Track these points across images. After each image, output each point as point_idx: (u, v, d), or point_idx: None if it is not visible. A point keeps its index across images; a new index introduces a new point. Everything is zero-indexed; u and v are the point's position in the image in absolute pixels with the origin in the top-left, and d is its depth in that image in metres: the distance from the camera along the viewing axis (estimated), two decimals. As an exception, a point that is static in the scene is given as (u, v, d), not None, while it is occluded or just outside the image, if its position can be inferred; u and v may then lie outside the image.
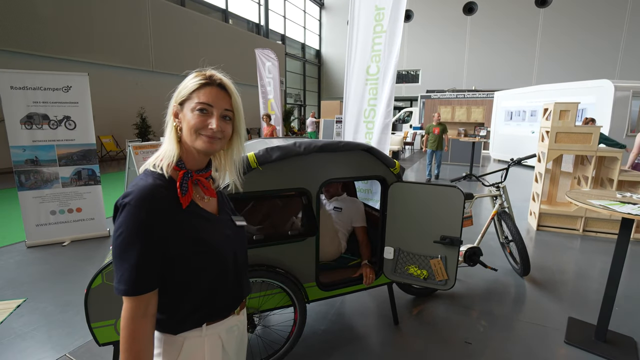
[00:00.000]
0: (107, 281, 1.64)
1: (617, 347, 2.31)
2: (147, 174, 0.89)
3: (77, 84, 3.95)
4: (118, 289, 0.82)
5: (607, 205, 2.08)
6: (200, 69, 0.93)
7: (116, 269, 0.82)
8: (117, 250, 0.82)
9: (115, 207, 0.84)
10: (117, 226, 0.82)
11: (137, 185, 0.85)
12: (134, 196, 0.81)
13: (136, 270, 0.80)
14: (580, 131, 4.44)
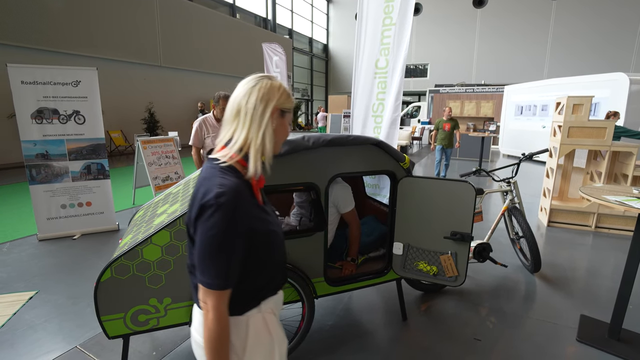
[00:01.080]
0: (115, 275, 1.64)
1: (632, 346, 2.26)
2: (225, 171, 0.90)
3: (86, 79, 3.97)
4: (213, 284, 0.84)
5: (624, 202, 2.02)
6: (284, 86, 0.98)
7: (208, 266, 0.84)
8: (211, 248, 0.84)
9: (205, 206, 0.83)
10: (211, 226, 0.83)
11: (226, 185, 0.85)
12: (229, 197, 0.83)
13: (229, 265, 0.86)
14: (594, 125, 4.33)
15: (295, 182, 1.90)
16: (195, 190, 0.91)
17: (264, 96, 0.93)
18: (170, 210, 1.89)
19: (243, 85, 0.95)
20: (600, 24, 17.43)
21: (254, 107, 0.91)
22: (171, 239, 1.70)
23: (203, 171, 0.94)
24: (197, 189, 0.90)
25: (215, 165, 0.92)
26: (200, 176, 0.93)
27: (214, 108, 3.38)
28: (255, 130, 0.91)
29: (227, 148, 0.93)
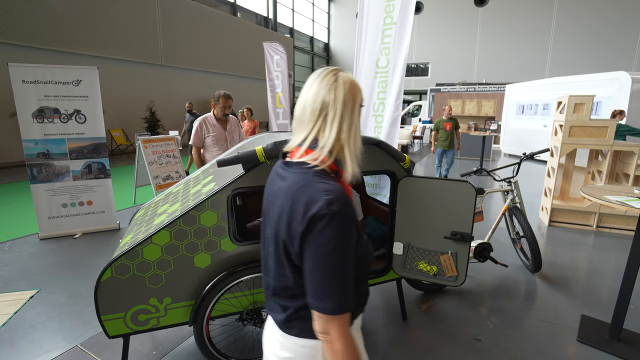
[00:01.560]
0: (116, 274, 1.65)
1: (632, 346, 2.26)
2: (322, 176, 0.80)
3: (87, 78, 3.97)
4: (339, 308, 0.73)
5: (625, 202, 2.01)
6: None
7: (332, 287, 0.73)
8: (331, 266, 0.72)
9: (317, 217, 0.71)
10: (328, 239, 0.71)
11: (334, 191, 0.75)
12: (340, 204, 0.73)
13: (350, 282, 0.75)
14: (595, 125, 4.32)
15: (295, 182, 1.90)
16: (289, 202, 0.77)
17: (350, 91, 0.83)
18: (171, 210, 1.89)
19: (320, 80, 0.83)
20: (602, 22, 17.36)
21: (343, 103, 0.81)
22: (171, 239, 1.70)
23: (290, 179, 0.81)
24: (293, 199, 0.77)
25: (306, 170, 0.80)
26: (291, 185, 0.79)
27: (214, 107, 3.38)
28: (347, 129, 0.81)
29: (315, 151, 0.81)
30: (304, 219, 0.72)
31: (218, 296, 1.79)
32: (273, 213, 0.84)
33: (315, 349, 0.85)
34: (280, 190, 0.82)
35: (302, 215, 0.73)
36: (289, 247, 0.78)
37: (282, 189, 0.82)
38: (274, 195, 0.86)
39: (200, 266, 1.78)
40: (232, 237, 1.80)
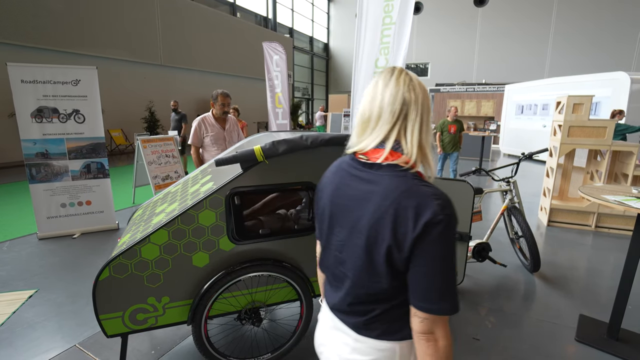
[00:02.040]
0: (114, 274, 1.65)
1: (630, 346, 2.26)
2: (419, 178, 0.79)
3: (86, 78, 3.97)
4: (452, 308, 0.75)
5: (623, 201, 2.02)
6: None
7: (447, 288, 0.74)
8: (447, 268, 0.73)
9: (433, 223, 0.71)
10: (445, 244, 0.72)
11: (441, 195, 0.75)
12: (451, 208, 0.73)
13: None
14: (594, 125, 4.32)
15: (294, 181, 1.90)
16: (393, 206, 0.75)
17: (426, 92, 0.82)
18: (169, 210, 1.89)
19: (396, 80, 0.81)
20: (601, 22, 17.39)
21: (422, 104, 0.80)
22: (169, 238, 1.70)
23: (385, 183, 0.78)
24: (398, 204, 0.75)
25: (402, 173, 0.78)
26: (389, 189, 0.77)
27: (213, 106, 3.37)
28: (426, 130, 0.81)
29: (403, 153, 0.80)
30: (418, 225, 0.72)
31: (216, 295, 1.79)
32: (357, 217, 0.81)
33: (393, 352, 0.84)
34: (370, 194, 0.79)
35: (413, 221, 0.72)
36: (394, 252, 0.75)
37: (373, 192, 0.79)
38: (352, 199, 0.83)
39: (198, 265, 1.78)
40: (231, 237, 1.80)
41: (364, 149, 0.84)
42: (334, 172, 0.93)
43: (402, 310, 0.83)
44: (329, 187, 0.92)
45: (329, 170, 0.97)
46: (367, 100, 0.85)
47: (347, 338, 0.88)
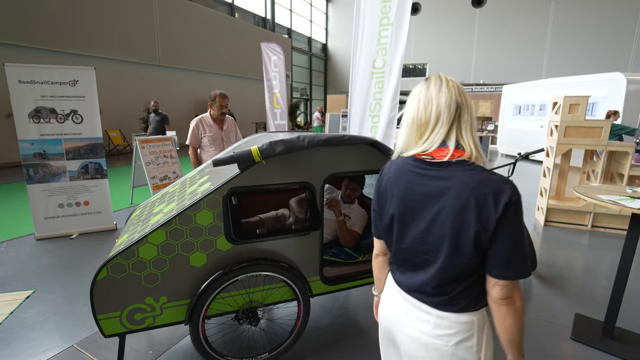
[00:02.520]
0: (112, 274, 1.65)
1: (625, 344, 2.28)
2: (486, 169, 0.92)
3: (83, 78, 3.97)
4: (527, 271, 0.90)
5: (617, 201, 2.04)
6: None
7: (523, 256, 0.88)
8: (522, 239, 0.88)
9: (510, 204, 0.85)
10: (520, 219, 0.87)
11: (507, 180, 0.88)
12: (518, 189, 0.89)
13: None
14: (590, 125, 4.35)
15: (291, 181, 1.91)
16: (473, 196, 0.86)
17: (468, 96, 0.96)
18: (167, 210, 1.90)
19: (447, 86, 0.94)
20: (598, 23, 17.47)
21: (470, 106, 0.94)
22: (167, 238, 1.71)
23: (459, 177, 0.89)
24: (477, 193, 0.86)
25: (472, 167, 0.90)
26: (465, 182, 0.88)
27: (211, 107, 3.38)
28: (475, 129, 0.96)
29: (466, 150, 0.91)
30: (498, 208, 0.85)
31: (214, 295, 1.80)
32: (436, 210, 0.92)
33: (472, 323, 0.97)
34: (446, 189, 0.90)
35: (494, 205, 0.85)
36: (481, 234, 0.87)
37: (449, 187, 0.90)
38: (427, 196, 0.94)
39: (196, 265, 1.79)
40: (228, 237, 1.81)
41: (429, 149, 0.94)
42: (397, 175, 1.01)
43: (479, 285, 0.95)
44: (395, 189, 1.01)
45: (387, 174, 1.05)
46: (420, 106, 0.96)
47: (428, 316, 0.99)
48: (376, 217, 1.11)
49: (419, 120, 0.95)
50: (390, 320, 1.10)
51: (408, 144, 0.99)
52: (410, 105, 0.99)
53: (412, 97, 0.99)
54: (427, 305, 0.99)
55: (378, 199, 1.08)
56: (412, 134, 0.98)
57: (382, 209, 1.07)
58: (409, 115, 0.99)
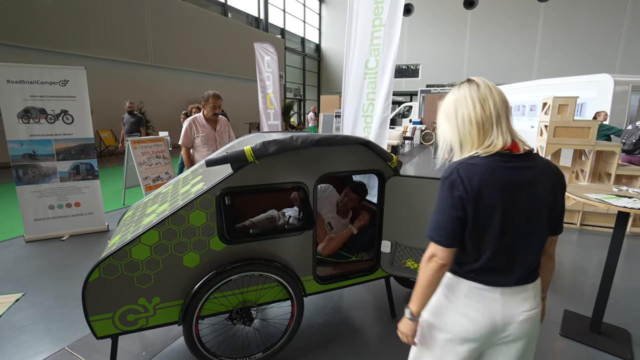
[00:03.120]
0: (104, 275, 1.64)
1: (611, 339, 2.33)
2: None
3: (74, 78, 3.92)
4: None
5: (604, 199, 2.08)
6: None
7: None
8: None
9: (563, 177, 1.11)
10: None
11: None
12: None
13: None
14: (578, 125, 4.43)
15: (284, 181, 1.92)
16: (556, 177, 1.08)
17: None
18: (159, 210, 1.89)
19: (493, 86, 1.08)
20: (587, 25, 17.77)
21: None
22: (160, 239, 1.71)
23: (541, 163, 1.07)
24: (557, 174, 1.08)
25: (538, 154, 1.10)
26: (547, 167, 1.07)
27: (204, 107, 3.37)
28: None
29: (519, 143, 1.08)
30: (563, 185, 1.10)
31: (207, 295, 1.80)
32: (535, 197, 1.05)
33: (539, 281, 1.15)
34: (538, 175, 1.05)
35: (562, 183, 1.09)
36: (561, 205, 1.11)
37: (538, 173, 1.05)
38: (523, 186, 1.04)
39: (189, 265, 1.79)
40: (221, 237, 1.81)
41: (507, 144, 1.04)
42: (490, 173, 1.02)
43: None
44: (494, 186, 1.02)
45: (477, 174, 1.02)
46: (477, 106, 1.05)
47: (528, 293, 1.09)
48: (458, 225, 1.04)
49: (480, 121, 1.04)
50: (494, 326, 1.07)
51: (473, 143, 1.06)
52: (463, 106, 1.06)
53: (463, 99, 1.07)
54: (529, 283, 1.10)
55: (473, 202, 1.02)
56: (474, 133, 1.05)
57: (477, 212, 1.03)
58: (464, 116, 1.06)
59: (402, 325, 1.16)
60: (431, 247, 1.08)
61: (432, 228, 1.08)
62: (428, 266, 1.08)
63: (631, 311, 2.72)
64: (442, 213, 1.05)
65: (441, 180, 1.07)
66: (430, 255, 1.07)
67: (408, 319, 1.14)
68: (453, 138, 1.11)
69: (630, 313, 2.69)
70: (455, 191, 1.02)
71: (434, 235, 1.07)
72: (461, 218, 1.04)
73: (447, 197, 1.04)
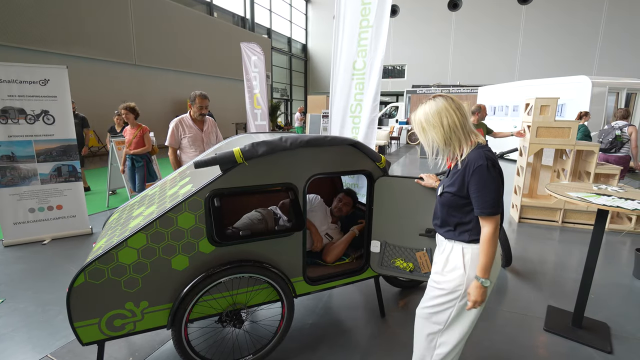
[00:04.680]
0: (90, 279, 1.60)
1: (592, 333, 2.41)
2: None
3: (55, 78, 3.81)
4: None
5: (584, 197, 2.15)
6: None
7: None
8: None
9: None
10: None
11: None
12: None
13: None
14: (559, 126, 4.56)
15: (274, 182, 1.91)
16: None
17: None
18: (147, 213, 1.86)
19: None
20: (567, 28, 18.31)
21: None
22: (148, 242, 1.68)
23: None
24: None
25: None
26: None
27: (190, 108, 3.33)
28: None
29: None
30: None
31: (196, 298, 1.78)
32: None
33: None
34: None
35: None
36: None
37: None
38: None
39: (177, 269, 1.76)
40: (211, 239, 1.80)
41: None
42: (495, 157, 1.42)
43: None
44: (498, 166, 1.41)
45: (494, 158, 1.39)
46: (457, 113, 1.42)
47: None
48: (502, 193, 1.38)
49: (461, 122, 1.41)
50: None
51: (460, 141, 1.43)
52: (447, 116, 1.40)
53: (445, 110, 1.41)
54: None
55: (501, 177, 1.39)
56: (460, 133, 1.42)
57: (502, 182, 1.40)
58: (450, 123, 1.40)
59: (479, 294, 1.38)
60: (492, 220, 1.35)
61: (491, 204, 1.34)
62: (496, 235, 1.36)
63: (611, 305, 2.82)
64: (495, 188, 1.34)
65: (481, 167, 1.34)
66: (496, 226, 1.36)
67: (487, 286, 1.38)
68: (440, 142, 1.42)
69: (610, 307, 2.79)
70: (496, 169, 1.36)
71: (495, 208, 1.34)
72: (502, 189, 1.38)
73: (493, 174, 1.34)
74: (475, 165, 1.36)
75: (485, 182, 1.34)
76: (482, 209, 1.35)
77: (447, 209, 1.49)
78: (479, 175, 1.34)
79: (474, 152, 1.40)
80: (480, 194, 1.35)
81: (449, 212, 1.49)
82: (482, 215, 1.36)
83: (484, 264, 1.36)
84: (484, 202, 1.34)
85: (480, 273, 1.37)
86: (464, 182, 1.40)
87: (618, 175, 4.51)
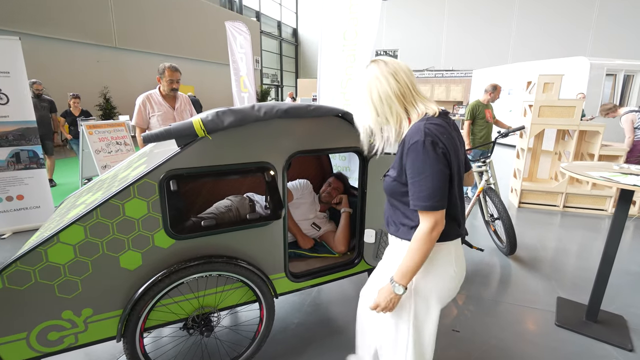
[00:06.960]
0: (10, 285, 1.27)
1: (609, 327, 2.17)
2: None
3: (6, 51, 3.37)
4: None
5: (610, 177, 1.87)
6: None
7: None
8: None
9: None
10: None
11: None
12: None
13: None
14: (563, 104, 4.28)
15: (245, 161, 1.58)
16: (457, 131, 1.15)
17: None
18: (90, 200, 1.52)
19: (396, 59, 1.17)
20: (560, 10, 17.99)
21: None
22: (86, 236, 1.35)
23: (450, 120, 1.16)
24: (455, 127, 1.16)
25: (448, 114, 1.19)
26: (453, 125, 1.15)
27: (160, 82, 2.94)
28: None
29: None
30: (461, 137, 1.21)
31: (153, 302, 1.46)
32: (460, 151, 1.15)
33: None
34: (456, 132, 1.14)
35: (461, 137, 1.19)
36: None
37: (455, 129, 1.15)
38: (459, 140, 1.15)
39: (128, 268, 1.44)
40: (168, 231, 1.47)
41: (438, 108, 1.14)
42: (447, 132, 1.07)
43: None
44: (451, 143, 1.07)
45: (443, 133, 1.05)
46: (391, 80, 1.09)
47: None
48: (445, 181, 1.04)
49: (398, 91, 1.09)
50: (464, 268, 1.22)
51: (399, 115, 1.11)
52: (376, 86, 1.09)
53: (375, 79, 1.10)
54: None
55: (446, 160, 1.04)
56: (397, 106, 1.10)
57: (452, 166, 1.06)
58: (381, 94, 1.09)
59: (384, 298, 1.12)
60: (430, 216, 1.03)
61: (426, 196, 1.02)
62: (432, 237, 1.04)
63: (625, 295, 2.59)
64: (432, 176, 1.02)
65: (416, 144, 1.02)
66: (434, 225, 1.03)
67: (400, 294, 1.10)
68: (373, 120, 1.12)
69: (624, 297, 2.56)
70: (439, 149, 1.02)
71: (432, 202, 1.02)
72: (447, 176, 1.05)
73: (433, 157, 1.01)
74: (410, 143, 1.04)
75: (420, 166, 1.02)
76: (414, 200, 1.04)
77: (389, 199, 1.20)
78: (414, 155, 1.02)
79: (414, 125, 1.07)
80: (413, 181, 1.04)
81: (392, 204, 1.20)
82: (417, 209, 1.05)
83: (405, 268, 1.07)
84: (418, 192, 1.03)
85: (397, 277, 1.09)
86: (402, 164, 1.09)
87: (624, 157, 4.27)
